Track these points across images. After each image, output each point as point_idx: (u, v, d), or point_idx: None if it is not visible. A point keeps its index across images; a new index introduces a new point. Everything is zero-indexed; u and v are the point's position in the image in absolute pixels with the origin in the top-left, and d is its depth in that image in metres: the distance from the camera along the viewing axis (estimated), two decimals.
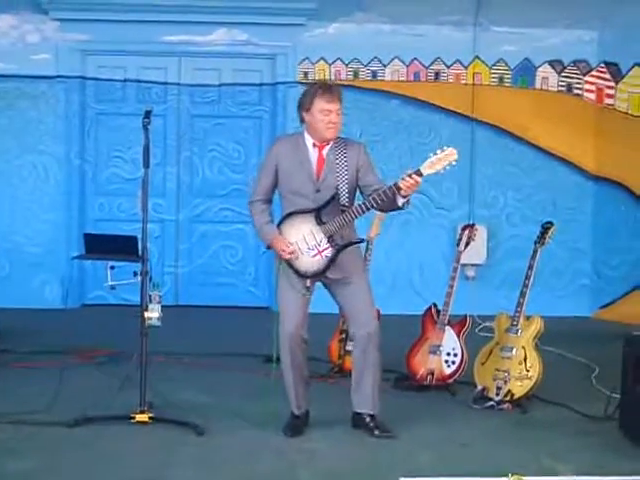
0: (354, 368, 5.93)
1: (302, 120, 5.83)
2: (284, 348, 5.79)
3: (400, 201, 5.58)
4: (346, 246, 5.75)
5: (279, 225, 5.82)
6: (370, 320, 5.81)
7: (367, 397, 5.87)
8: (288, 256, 5.73)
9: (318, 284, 5.87)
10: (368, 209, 5.69)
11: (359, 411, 5.92)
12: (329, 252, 5.73)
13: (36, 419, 5.88)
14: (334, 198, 5.71)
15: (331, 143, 5.80)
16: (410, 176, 5.50)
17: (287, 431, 5.82)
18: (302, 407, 5.91)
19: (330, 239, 5.72)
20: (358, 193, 5.85)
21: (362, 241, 5.93)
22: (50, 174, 10.08)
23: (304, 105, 5.78)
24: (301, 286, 5.77)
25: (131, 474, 5.10)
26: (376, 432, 5.83)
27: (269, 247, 5.85)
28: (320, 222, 5.72)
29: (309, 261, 5.75)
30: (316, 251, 5.74)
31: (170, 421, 5.90)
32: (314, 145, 5.80)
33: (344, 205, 5.72)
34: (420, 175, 5.52)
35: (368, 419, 5.88)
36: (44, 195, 10.09)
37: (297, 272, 5.77)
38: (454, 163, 5.61)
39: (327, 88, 5.78)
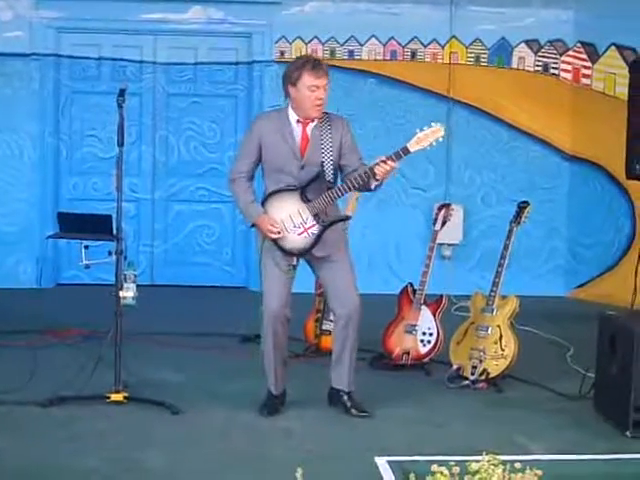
0: (334, 345, 5.93)
1: (287, 94, 5.76)
2: (267, 327, 5.77)
3: (373, 184, 5.61)
4: (332, 223, 5.75)
5: (263, 203, 5.78)
6: (352, 298, 5.81)
7: (345, 374, 5.88)
8: (275, 236, 5.70)
9: (302, 263, 5.87)
10: (351, 189, 5.71)
11: (337, 387, 5.93)
12: (315, 229, 5.72)
13: (10, 399, 5.85)
14: (319, 175, 5.70)
15: (316, 120, 5.76)
16: (385, 162, 5.51)
17: (263, 410, 5.81)
18: (280, 387, 5.91)
19: (316, 217, 5.71)
20: None
21: (348, 218, 5.93)
22: (24, 153, 10.00)
23: (290, 79, 5.69)
24: (285, 264, 5.75)
25: (107, 454, 5.09)
26: (353, 411, 5.84)
27: (253, 225, 5.82)
28: (306, 200, 5.70)
29: (295, 239, 5.73)
30: (302, 229, 5.73)
31: (145, 400, 5.89)
32: (298, 121, 5.76)
33: (329, 182, 5.71)
34: (407, 152, 5.56)
35: (345, 397, 5.89)
36: (18, 174, 10.00)
37: (283, 250, 5.75)
38: (441, 139, 5.66)
39: (316, 63, 5.71)
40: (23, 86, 9.93)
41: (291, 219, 5.72)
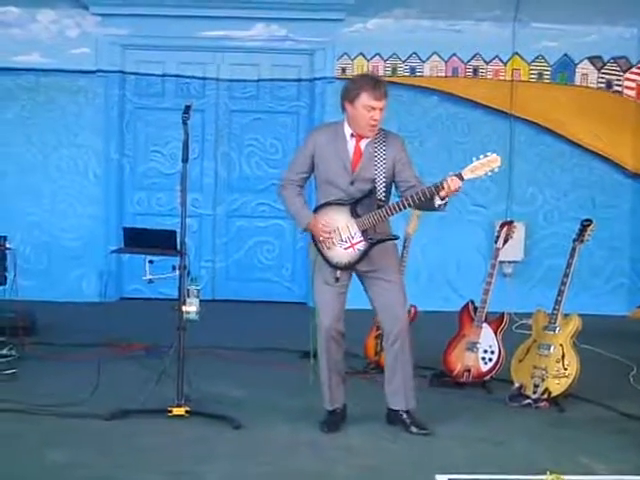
0: (385, 364, 5.92)
1: (343, 109, 5.76)
2: (321, 343, 5.78)
3: (437, 202, 5.55)
4: (380, 242, 5.73)
5: (314, 213, 5.81)
6: (399, 316, 5.77)
7: (399, 394, 5.85)
8: (327, 236, 5.69)
9: (355, 279, 5.87)
10: (405, 207, 5.66)
11: (393, 408, 5.91)
12: (362, 246, 5.72)
13: (74, 412, 5.92)
14: (372, 192, 5.69)
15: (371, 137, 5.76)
16: (452, 179, 5.48)
17: (324, 427, 5.81)
18: (336, 403, 5.89)
19: (364, 233, 5.70)
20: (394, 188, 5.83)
21: (396, 238, 5.89)
22: (89, 168, 10.14)
23: (349, 96, 5.68)
24: (331, 277, 5.75)
25: (168, 467, 5.12)
26: (412, 429, 5.81)
27: (305, 230, 5.80)
28: (355, 215, 5.70)
29: (341, 253, 5.73)
30: (349, 244, 5.72)
31: (207, 415, 5.92)
32: (352, 135, 5.75)
33: (380, 200, 5.70)
34: (461, 179, 5.51)
35: (404, 415, 5.86)
36: (83, 189, 10.15)
37: (329, 262, 5.76)
38: (496, 170, 5.59)
39: (376, 83, 5.67)
40: (88, 102, 10.09)
41: (339, 232, 5.72)
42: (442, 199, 5.54)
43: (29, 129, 10.07)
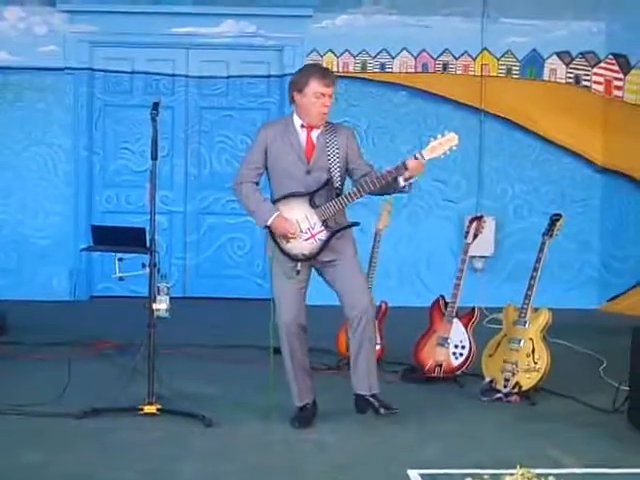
0: (351, 349, 5.89)
1: (292, 101, 5.81)
2: (282, 338, 5.81)
3: (401, 183, 5.62)
4: (340, 230, 5.76)
5: None
6: (362, 300, 5.76)
7: (363, 378, 5.85)
8: (292, 235, 5.70)
9: (314, 273, 5.87)
10: (365, 192, 5.71)
11: (359, 392, 5.91)
12: (323, 235, 5.74)
13: (45, 411, 5.90)
14: (329, 181, 5.73)
15: (321, 127, 5.79)
16: (413, 160, 5.57)
17: (295, 422, 5.82)
18: (304, 398, 5.89)
19: (324, 223, 5.73)
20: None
21: (357, 224, 5.89)
22: (58, 166, 10.09)
23: (297, 85, 5.74)
24: (291, 270, 5.75)
25: (140, 466, 5.12)
26: (381, 410, 5.84)
27: (267, 226, 5.76)
28: (314, 205, 5.72)
29: (302, 245, 5.75)
30: (309, 234, 5.74)
31: (178, 413, 5.92)
32: (302, 126, 5.79)
33: (337, 188, 5.74)
34: (422, 158, 5.64)
35: (371, 399, 5.88)
36: (52, 187, 10.10)
37: (288, 255, 5.76)
38: (454, 148, 5.72)
39: (324, 71, 5.80)
40: (57, 100, 10.03)
41: (299, 224, 5.74)
42: (406, 179, 5.60)
43: None
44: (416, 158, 5.63)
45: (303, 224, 5.74)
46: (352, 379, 5.91)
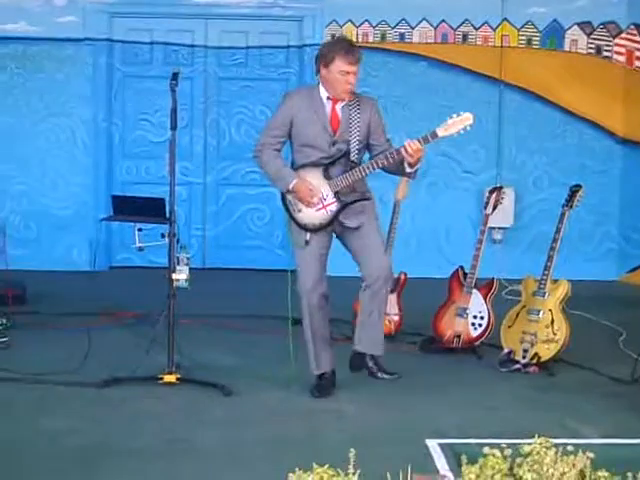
0: (362, 308, 5.89)
1: (318, 72, 5.83)
2: (303, 306, 5.83)
3: (407, 169, 5.66)
4: (353, 202, 5.78)
5: None
6: (382, 263, 5.78)
7: (370, 337, 5.87)
8: (312, 200, 5.72)
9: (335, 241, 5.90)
10: (375, 168, 5.74)
11: (363, 351, 5.95)
12: (334, 207, 5.77)
13: (66, 380, 5.95)
14: (345, 154, 5.76)
15: (345, 99, 5.81)
16: (414, 141, 5.56)
17: (314, 392, 5.85)
18: (323, 367, 5.91)
19: (336, 194, 5.75)
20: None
21: (368, 199, 5.89)
22: (77, 137, 10.11)
23: (324, 59, 5.76)
24: (301, 239, 5.78)
25: (160, 434, 5.15)
26: (379, 374, 5.93)
27: (288, 191, 5.78)
28: (327, 177, 5.75)
29: (314, 214, 5.78)
30: (321, 205, 5.77)
31: (197, 382, 5.95)
32: (328, 98, 5.82)
33: (353, 162, 5.76)
34: (435, 137, 5.62)
35: (371, 362, 5.96)
36: (71, 158, 10.12)
37: (298, 224, 5.79)
38: (469, 128, 5.73)
39: (349, 48, 5.77)
40: (76, 71, 10.03)
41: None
42: (411, 167, 5.62)
43: (17, 98, 10.01)
44: (413, 142, 5.57)
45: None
46: (355, 336, 5.95)
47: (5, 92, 10.00)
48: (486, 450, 3.44)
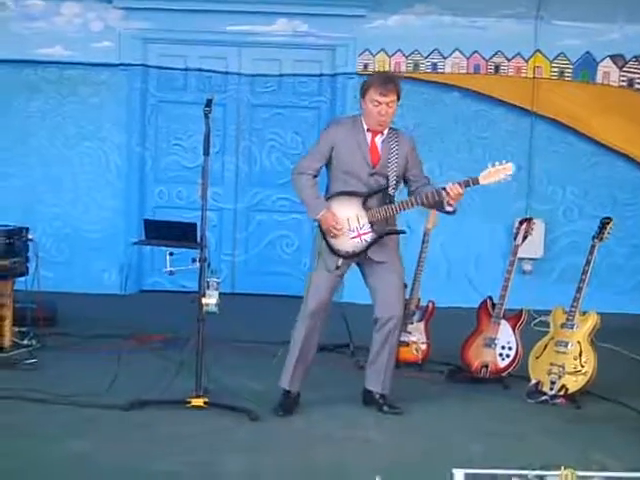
0: (372, 346, 6.08)
1: (361, 104, 5.99)
2: (302, 323, 5.99)
3: (447, 207, 5.84)
4: (386, 234, 5.93)
5: (327, 200, 5.99)
6: (395, 305, 5.98)
7: (379, 376, 6.07)
8: (336, 232, 5.86)
9: (354, 268, 6.03)
10: (415, 205, 5.92)
11: (370, 388, 6.10)
12: (369, 237, 5.93)
13: (94, 402, 5.98)
14: (385, 187, 5.90)
15: (385, 133, 5.97)
16: (456, 186, 5.75)
17: (279, 410, 5.96)
18: (293, 386, 6.05)
19: (372, 225, 5.90)
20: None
21: (404, 232, 6.09)
22: (111, 161, 10.19)
23: (362, 90, 5.96)
24: (333, 264, 5.91)
25: (186, 457, 5.17)
26: (384, 408, 6.01)
27: (316, 219, 5.96)
28: (366, 207, 5.90)
29: (347, 242, 5.93)
30: (356, 233, 5.92)
31: (225, 406, 5.96)
32: (368, 130, 5.97)
33: (390, 195, 5.93)
34: (477, 183, 5.82)
35: (378, 397, 6.07)
36: (105, 182, 10.20)
37: (332, 249, 5.90)
38: (509, 179, 5.86)
39: (382, 80, 5.93)
40: (111, 95, 10.13)
41: (348, 222, 5.91)
42: (450, 205, 5.81)
43: (52, 122, 10.12)
44: (455, 186, 5.73)
45: (352, 222, 5.92)
46: (366, 374, 6.13)
47: (40, 116, 10.10)
48: None
